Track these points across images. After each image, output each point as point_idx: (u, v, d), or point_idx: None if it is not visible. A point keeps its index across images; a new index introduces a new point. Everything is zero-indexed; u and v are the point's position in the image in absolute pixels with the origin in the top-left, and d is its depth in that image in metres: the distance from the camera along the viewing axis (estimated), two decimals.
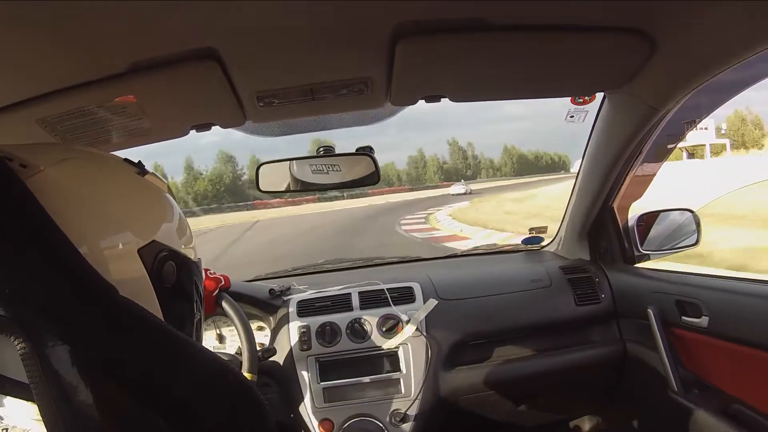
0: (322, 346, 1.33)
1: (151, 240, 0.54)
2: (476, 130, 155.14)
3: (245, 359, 1.13)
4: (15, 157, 0.48)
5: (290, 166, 1.21)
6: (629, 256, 1.47)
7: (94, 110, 0.92)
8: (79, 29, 0.68)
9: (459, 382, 1.36)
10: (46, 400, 0.41)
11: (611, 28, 0.84)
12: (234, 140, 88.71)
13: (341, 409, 1.30)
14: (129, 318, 0.47)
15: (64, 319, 0.43)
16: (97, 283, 0.45)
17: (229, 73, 0.85)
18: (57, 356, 0.41)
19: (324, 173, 1.19)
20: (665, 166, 1.41)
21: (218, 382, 0.54)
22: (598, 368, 1.44)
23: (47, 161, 0.50)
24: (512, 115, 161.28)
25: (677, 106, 1.09)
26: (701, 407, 1.13)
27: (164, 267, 0.55)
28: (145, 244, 0.54)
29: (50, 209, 0.44)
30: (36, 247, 0.42)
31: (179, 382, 0.49)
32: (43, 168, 0.49)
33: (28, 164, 0.48)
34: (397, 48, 0.83)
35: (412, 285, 1.44)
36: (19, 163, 0.48)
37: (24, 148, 0.51)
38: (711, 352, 1.14)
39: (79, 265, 0.45)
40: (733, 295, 1.09)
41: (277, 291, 1.43)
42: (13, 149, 0.49)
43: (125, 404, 0.44)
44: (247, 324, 1.17)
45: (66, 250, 0.44)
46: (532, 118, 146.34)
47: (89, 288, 0.45)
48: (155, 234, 0.56)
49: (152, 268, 0.54)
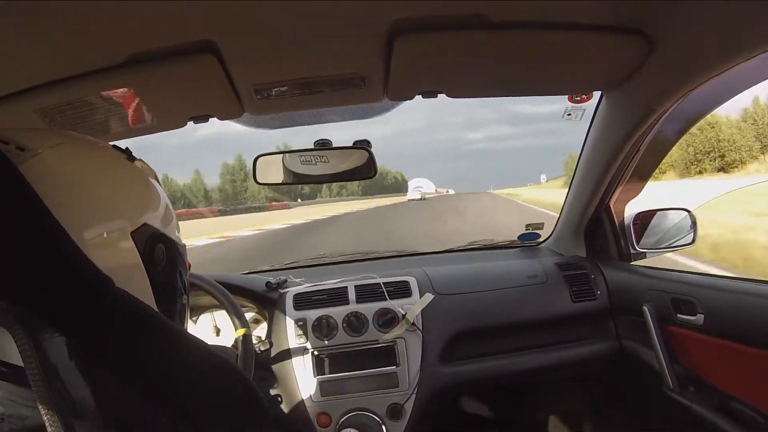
0: (319, 339, 1.33)
1: (143, 223, 0.55)
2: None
3: (233, 316, 1.14)
4: (11, 140, 0.48)
5: (284, 158, 1.22)
6: (625, 254, 1.48)
7: (92, 101, 0.92)
8: (78, 20, 0.68)
9: (455, 376, 1.37)
10: (44, 393, 0.41)
11: (610, 27, 0.84)
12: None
13: (338, 402, 1.30)
14: (125, 310, 0.47)
15: (60, 312, 0.43)
16: (92, 274, 0.45)
17: (227, 65, 0.86)
18: (54, 349, 0.42)
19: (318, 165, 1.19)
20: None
21: (215, 375, 0.54)
22: (593, 365, 1.45)
23: (44, 144, 0.50)
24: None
25: (674, 106, 1.09)
26: (697, 404, 1.14)
27: (155, 250, 0.56)
28: (137, 227, 0.54)
29: (48, 192, 0.45)
30: (31, 237, 0.42)
31: (175, 374, 0.49)
32: (41, 151, 0.49)
33: (26, 147, 0.48)
34: (394, 44, 0.83)
35: (409, 279, 1.44)
36: (16, 146, 0.48)
37: (18, 132, 0.51)
38: (706, 350, 1.15)
39: (75, 257, 0.45)
40: (727, 293, 1.09)
41: (274, 284, 1.43)
42: (8, 132, 0.49)
43: (122, 396, 0.44)
44: (220, 288, 1.17)
45: (61, 240, 0.44)
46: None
47: (85, 280, 0.45)
48: (146, 217, 0.56)
49: (144, 251, 0.54)
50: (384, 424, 1.30)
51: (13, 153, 0.47)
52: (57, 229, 0.44)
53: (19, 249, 0.42)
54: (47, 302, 0.43)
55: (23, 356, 0.41)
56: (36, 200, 0.43)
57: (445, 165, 54.03)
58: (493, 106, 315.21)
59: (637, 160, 1.32)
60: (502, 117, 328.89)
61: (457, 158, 42.82)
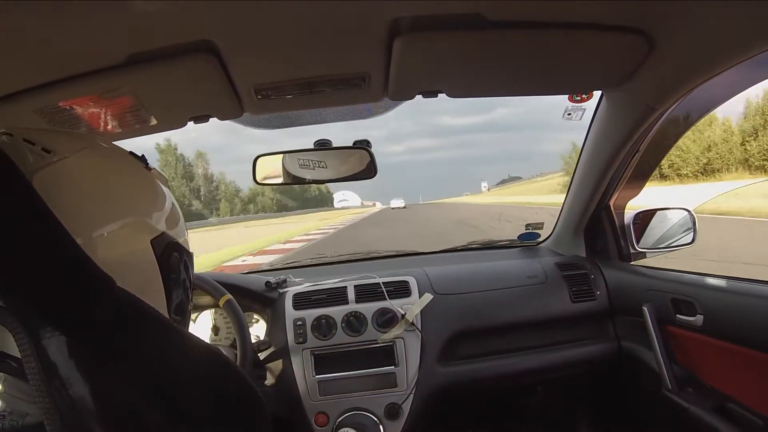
0: (318, 339, 1.33)
1: (161, 232, 0.56)
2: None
3: (210, 290, 1.16)
4: (37, 142, 0.49)
5: (285, 159, 1.22)
6: (625, 253, 1.48)
7: (92, 101, 0.92)
8: (77, 20, 0.68)
9: (454, 376, 1.37)
10: (43, 391, 0.41)
11: (610, 27, 0.84)
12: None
13: (336, 402, 1.31)
14: (126, 310, 0.47)
15: (61, 310, 0.43)
16: (94, 273, 0.46)
17: (227, 66, 0.85)
18: (54, 347, 0.42)
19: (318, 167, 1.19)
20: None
21: (216, 376, 0.54)
22: (592, 365, 1.45)
23: (70, 148, 0.51)
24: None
25: (675, 105, 1.09)
26: (695, 405, 1.14)
27: (171, 258, 0.57)
28: (156, 236, 0.56)
29: (70, 195, 0.46)
30: (32, 236, 0.42)
31: (177, 374, 0.49)
32: (68, 155, 0.50)
33: (53, 150, 0.49)
34: (394, 43, 0.83)
35: (408, 279, 1.44)
36: (42, 147, 0.49)
37: (42, 133, 0.52)
38: (705, 351, 1.15)
39: (77, 256, 0.45)
40: (727, 294, 1.09)
41: (273, 283, 1.44)
42: (33, 133, 0.50)
43: (122, 396, 0.44)
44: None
45: (63, 239, 0.44)
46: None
47: (86, 279, 0.45)
48: (162, 226, 0.57)
49: (161, 258, 0.56)
50: (381, 423, 1.30)
51: (38, 154, 0.48)
52: (59, 229, 0.44)
53: (19, 248, 0.42)
54: (47, 301, 0.43)
55: (23, 354, 0.42)
56: (38, 200, 0.43)
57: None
58: (414, 119, 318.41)
59: (637, 159, 1.32)
60: (422, 130, 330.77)
61: (381, 171, 39.84)
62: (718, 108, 1.18)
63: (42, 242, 0.43)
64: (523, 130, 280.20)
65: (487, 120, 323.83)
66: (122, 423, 0.44)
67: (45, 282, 0.43)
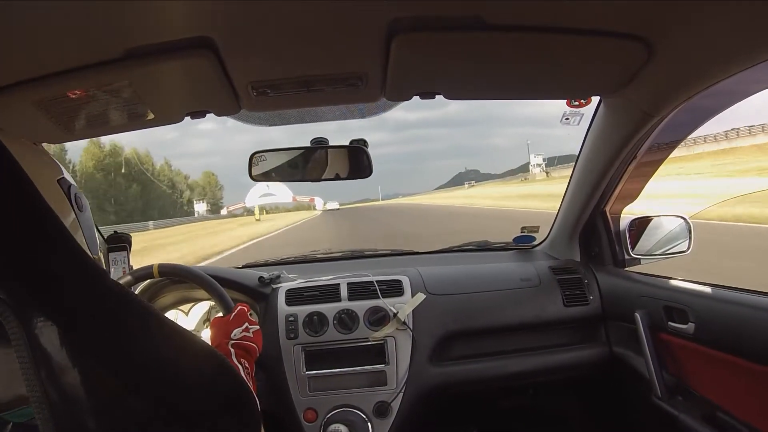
0: (309, 335, 1.34)
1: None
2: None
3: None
4: None
5: (281, 156, 1.21)
6: (620, 259, 1.48)
7: (90, 94, 0.92)
8: (74, 14, 0.68)
9: (444, 376, 1.37)
10: (34, 381, 0.41)
11: (609, 33, 0.83)
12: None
13: (326, 398, 1.31)
14: (118, 301, 0.48)
15: (52, 299, 0.43)
16: (85, 263, 0.46)
17: (224, 62, 0.85)
18: (46, 336, 0.42)
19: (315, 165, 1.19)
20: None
21: (206, 369, 0.55)
22: (582, 370, 1.45)
23: None
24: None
25: (673, 113, 1.09)
26: (684, 413, 1.14)
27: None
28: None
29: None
30: (24, 222, 0.42)
31: (167, 367, 0.49)
32: None
33: None
34: (392, 43, 0.83)
35: (401, 278, 1.45)
36: None
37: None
38: (696, 359, 1.15)
39: (68, 245, 0.45)
40: (720, 303, 1.09)
41: (267, 279, 1.44)
42: None
43: (112, 387, 0.44)
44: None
45: (55, 226, 0.44)
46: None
47: (78, 268, 0.45)
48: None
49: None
50: (370, 421, 1.31)
51: None
52: (50, 216, 0.44)
53: (10, 234, 0.42)
54: (40, 289, 0.43)
55: (14, 341, 0.41)
56: (30, 186, 0.43)
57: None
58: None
59: (634, 165, 1.31)
60: (373, 124, 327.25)
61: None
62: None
63: (32, 227, 0.43)
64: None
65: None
66: (111, 414, 0.44)
67: (38, 270, 0.43)
